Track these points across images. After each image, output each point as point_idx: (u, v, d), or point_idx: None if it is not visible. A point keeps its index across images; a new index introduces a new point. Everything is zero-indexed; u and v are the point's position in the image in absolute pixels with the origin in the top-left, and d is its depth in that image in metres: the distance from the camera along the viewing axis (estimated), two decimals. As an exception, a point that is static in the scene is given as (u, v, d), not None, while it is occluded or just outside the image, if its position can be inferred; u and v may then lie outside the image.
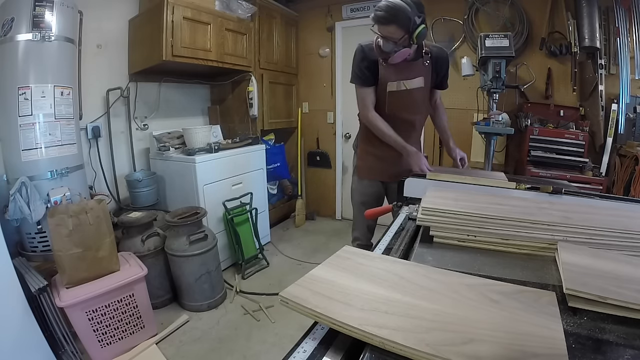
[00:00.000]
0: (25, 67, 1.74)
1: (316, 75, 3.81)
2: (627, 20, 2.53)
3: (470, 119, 3.01)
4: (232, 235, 2.67)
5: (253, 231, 2.83)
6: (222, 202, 2.60)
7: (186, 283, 2.13)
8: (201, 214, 2.23)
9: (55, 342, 1.58)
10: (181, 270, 2.13)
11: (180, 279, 2.17)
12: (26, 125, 1.74)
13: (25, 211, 1.68)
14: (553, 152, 2.61)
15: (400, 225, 1.11)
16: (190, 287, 2.13)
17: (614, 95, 2.56)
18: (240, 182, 2.83)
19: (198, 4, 2.49)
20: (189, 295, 2.18)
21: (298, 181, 3.85)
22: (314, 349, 0.56)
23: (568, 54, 2.69)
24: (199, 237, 2.16)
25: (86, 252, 1.67)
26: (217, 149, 2.62)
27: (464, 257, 0.84)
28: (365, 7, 3.44)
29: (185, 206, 2.36)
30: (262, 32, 3.20)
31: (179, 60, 2.41)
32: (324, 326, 0.60)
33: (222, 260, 2.62)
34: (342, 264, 0.75)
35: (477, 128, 2.32)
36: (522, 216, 0.87)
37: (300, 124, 3.85)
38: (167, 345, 1.90)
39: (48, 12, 1.77)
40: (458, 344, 0.49)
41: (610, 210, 0.98)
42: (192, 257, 2.12)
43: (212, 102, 3.39)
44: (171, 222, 2.14)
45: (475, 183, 1.33)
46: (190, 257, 2.11)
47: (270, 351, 1.86)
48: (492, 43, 2.20)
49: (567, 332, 0.53)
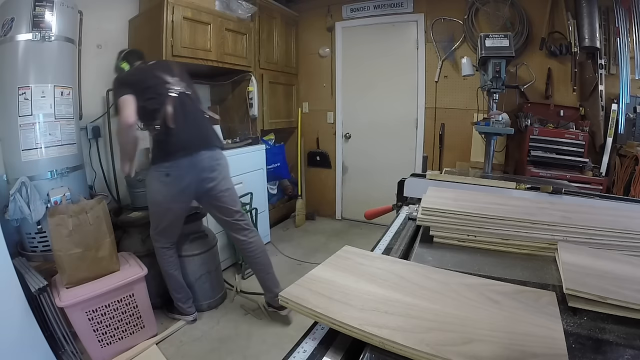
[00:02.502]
0: (25, 67, 1.74)
1: (316, 75, 3.81)
2: (627, 20, 2.53)
3: (470, 119, 3.02)
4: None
5: None
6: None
7: (186, 283, 2.13)
8: (201, 214, 2.22)
9: (55, 342, 1.58)
10: (181, 271, 2.13)
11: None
12: (26, 125, 1.74)
13: (25, 211, 1.68)
14: (553, 152, 2.61)
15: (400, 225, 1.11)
16: (190, 287, 2.13)
17: (614, 95, 2.57)
18: (241, 182, 2.83)
19: (198, 4, 2.49)
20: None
21: (298, 181, 3.85)
22: (314, 349, 0.56)
23: (568, 54, 2.70)
24: (199, 237, 2.16)
25: (86, 252, 1.67)
26: (217, 149, 2.61)
27: (464, 257, 0.84)
28: (365, 7, 3.44)
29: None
30: (262, 32, 3.20)
31: (179, 60, 2.40)
32: (324, 326, 0.60)
33: (222, 260, 2.62)
34: (342, 264, 0.75)
35: (477, 128, 2.32)
36: (522, 216, 0.87)
37: (300, 124, 3.85)
38: (167, 345, 1.90)
39: (48, 12, 1.77)
40: (458, 344, 0.49)
41: (610, 210, 0.98)
42: (192, 257, 2.12)
43: (212, 102, 3.39)
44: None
45: (475, 183, 1.33)
46: (190, 257, 2.11)
47: (270, 351, 1.86)
48: (492, 43, 2.20)
49: (567, 332, 0.53)
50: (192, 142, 1.73)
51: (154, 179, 1.76)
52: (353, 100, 3.72)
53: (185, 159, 1.70)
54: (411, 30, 3.34)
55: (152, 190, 1.79)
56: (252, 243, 1.97)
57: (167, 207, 1.80)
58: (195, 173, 1.74)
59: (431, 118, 3.37)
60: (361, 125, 3.73)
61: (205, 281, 2.18)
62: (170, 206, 1.79)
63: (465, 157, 3.11)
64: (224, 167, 1.89)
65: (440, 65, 3.23)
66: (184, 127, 1.71)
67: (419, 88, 3.37)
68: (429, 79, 3.31)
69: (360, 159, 3.80)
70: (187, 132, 1.72)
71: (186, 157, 1.69)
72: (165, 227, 1.86)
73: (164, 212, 1.81)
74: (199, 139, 1.78)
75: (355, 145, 3.81)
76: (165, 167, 1.70)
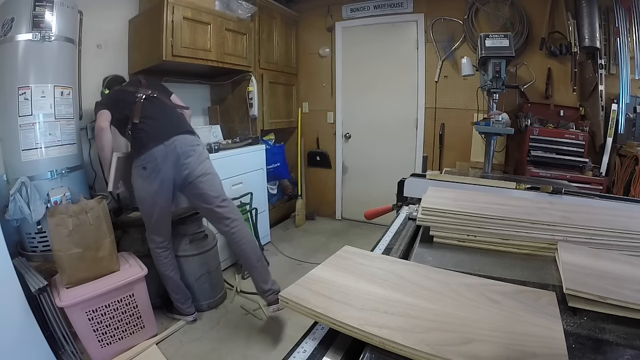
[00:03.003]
0: (25, 67, 1.74)
1: (316, 75, 3.81)
2: (627, 20, 2.53)
3: (470, 119, 3.02)
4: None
5: (253, 231, 2.83)
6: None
7: (186, 283, 2.13)
8: (201, 214, 2.22)
9: (55, 342, 1.58)
10: (181, 271, 2.13)
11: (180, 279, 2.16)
12: (26, 125, 1.74)
13: (25, 211, 1.68)
14: (553, 152, 2.61)
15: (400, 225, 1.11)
16: (190, 288, 2.13)
17: (614, 95, 2.57)
18: (241, 182, 2.83)
19: (198, 4, 2.49)
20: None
21: (298, 181, 3.85)
22: (314, 349, 0.56)
23: (568, 54, 2.70)
24: (199, 237, 2.16)
25: (86, 252, 1.67)
26: (217, 149, 2.61)
27: (464, 257, 0.84)
28: (365, 7, 3.44)
29: (185, 206, 2.35)
30: (262, 32, 3.20)
31: (179, 60, 2.41)
32: (324, 326, 0.60)
33: (222, 260, 2.62)
34: (342, 263, 0.75)
35: (477, 128, 2.32)
36: (522, 216, 0.87)
37: (300, 124, 3.85)
38: (167, 345, 1.90)
39: (48, 12, 1.77)
40: (458, 344, 0.49)
41: (610, 210, 0.98)
42: (191, 257, 2.12)
43: (212, 102, 3.39)
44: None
45: (475, 183, 1.33)
46: (190, 257, 2.11)
47: (270, 351, 1.86)
48: (492, 43, 2.20)
49: (567, 332, 0.53)
50: (161, 132, 1.81)
51: (135, 177, 1.83)
52: (353, 100, 3.72)
53: (158, 149, 1.76)
54: (411, 30, 3.34)
55: (136, 188, 1.86)
56: (235, 233, 1.95)
57: (152, 202, 1.85)
58: (171, 161, 1.80)
59: (431, 118, 3.37)
60: (361, 125, 3.73)
61: (205, 281, 2.18)
62: (155, 200, 1.84)
63: (465, 157, 3.10)
64: (200, 153, 1.92)
65: (440, 65, 3.23)
66: (152, 122, 1.83)
67: (419, 88, 3.37)
68: (429, 79, 3.31)
69: (360, 159, 3.80)
70: (156, 125, 1.83)
71: (158, 146, 1.76)
72: (155, 223, 1.90)
73: (151, 207, 1.86)
74: (169, 127, 1.86)
75: (355, 145, 3.81)
76: (141, 160, 1.77)
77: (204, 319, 2.13)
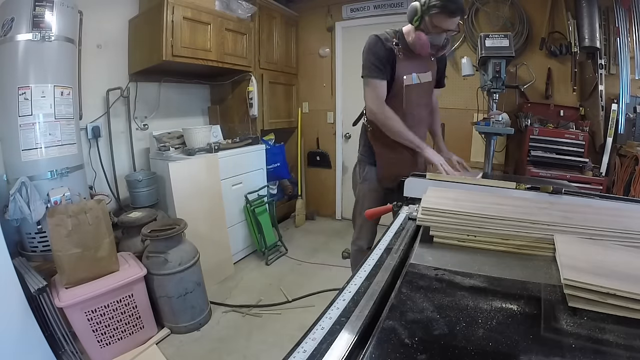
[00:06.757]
0: (25, 67, 1.74)
1: (316, 75, 3.81)
2: (627, 20, 2.53)
3: (470, 119, 3.01)
4: (254, 225, 2.92)
5: (271, 221, 3.06)
6: (244, 195, 2.88)
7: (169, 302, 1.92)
8: (180, 228, 1.97)
9: (55, 342, 1.58)
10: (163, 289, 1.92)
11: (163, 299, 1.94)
12: (26, 125, 1.74)
13: (25, 211, 1.68)
14: (553, 152, 2.61)
15: (400, 225, 1.11)
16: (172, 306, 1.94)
17: (614, 95, 2.56)
18: (240, 182, 2.83)
19: (198, 4, 2.49)
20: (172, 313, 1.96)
21: (298, 181, 3.85)
22: (314, 349, 0.56)
23: (568, 54, 2.70)
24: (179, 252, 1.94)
25: (85, 252, 1.67)
26: (217, 149, 2.62)
27: (464, 257, 0.84)
28: (365, 7, 3.44)
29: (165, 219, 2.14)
30: (262, 32, 3.20)
31: (179, 60, 2.41)
32: (324, 326, 0.60)
33: (242, 249, 2.88)
34: None
35: (477, 128, 2.31)
36: (522, 216, 0.87)
37: (300, 124, 3.85)
38: (167, 345, 1.90)
39: (48, 12, 1.77)
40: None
41: (610, 210, 0.98)
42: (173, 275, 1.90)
43: (212, 102, 3.39)
44: (146, 236, 1.93)
45: (475, 183, 1.32)
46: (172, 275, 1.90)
47: (270, 351, 1.86)
48: (492, 43, 2.19)
49: (567, 332, 0.53)
50: None
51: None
52: (353, 100, 3.72)
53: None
54: (411, 30, 3.33)
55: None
56: None
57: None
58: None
59: (431, 118, 3.36)
60: (361, 125, 3.72)
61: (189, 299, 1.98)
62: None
63: (465, 157, 3.07)
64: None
65: (440, 65, 3.22)
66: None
67: (419, 88, 3.36)
68: (429, 79, 3.31)
69: (360, 159, 3.79)
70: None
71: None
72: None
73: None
74: None
75: (355, 146, 3.78)
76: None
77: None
